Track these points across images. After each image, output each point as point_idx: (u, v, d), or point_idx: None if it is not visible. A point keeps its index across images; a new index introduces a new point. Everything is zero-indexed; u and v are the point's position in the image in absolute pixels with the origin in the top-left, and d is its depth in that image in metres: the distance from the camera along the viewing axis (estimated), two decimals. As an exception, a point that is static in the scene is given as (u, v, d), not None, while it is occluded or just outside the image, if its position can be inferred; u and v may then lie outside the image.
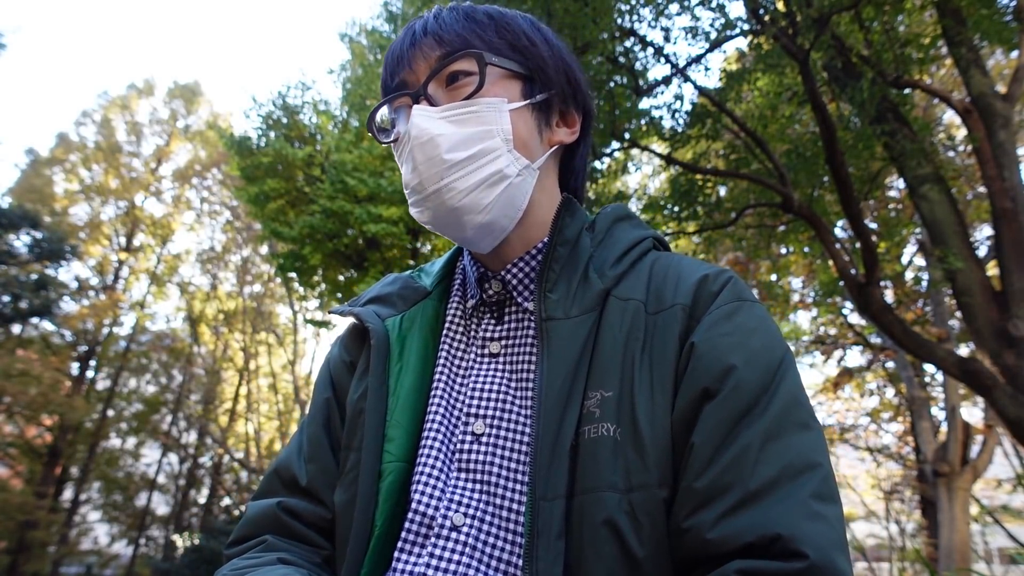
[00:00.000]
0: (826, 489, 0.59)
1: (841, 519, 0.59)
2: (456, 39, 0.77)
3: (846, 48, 5.64)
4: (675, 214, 6.77)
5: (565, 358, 0.68)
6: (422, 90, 0.76)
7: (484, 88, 0.75)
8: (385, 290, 0.87)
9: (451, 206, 0.74)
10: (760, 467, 0.59)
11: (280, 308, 20.98)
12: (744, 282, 0.73)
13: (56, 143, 19.09)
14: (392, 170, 9.85)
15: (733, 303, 0.69)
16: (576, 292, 0.72)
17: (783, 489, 0.58)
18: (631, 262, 0.76)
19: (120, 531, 18.60)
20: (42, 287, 13.75)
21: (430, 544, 0.68)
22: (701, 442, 0.62)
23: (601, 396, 0.66)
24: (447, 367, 0.79)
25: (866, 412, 13.97)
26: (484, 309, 0.81)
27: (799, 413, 0.63)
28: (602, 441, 0.64)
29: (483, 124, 0.74)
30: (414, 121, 0.74)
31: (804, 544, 0.55)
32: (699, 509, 0.59)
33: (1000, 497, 12.57)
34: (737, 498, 0.58)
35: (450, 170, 0.73)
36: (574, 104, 0.85)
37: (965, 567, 7.47)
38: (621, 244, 0.78)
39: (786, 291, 11.63)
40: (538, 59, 0.80)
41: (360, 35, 12.31)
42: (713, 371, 0.64)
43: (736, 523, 0.57)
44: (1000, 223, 5.17)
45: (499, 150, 0.74)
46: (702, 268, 0.73)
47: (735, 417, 0.62)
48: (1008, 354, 4.78)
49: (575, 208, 0.79)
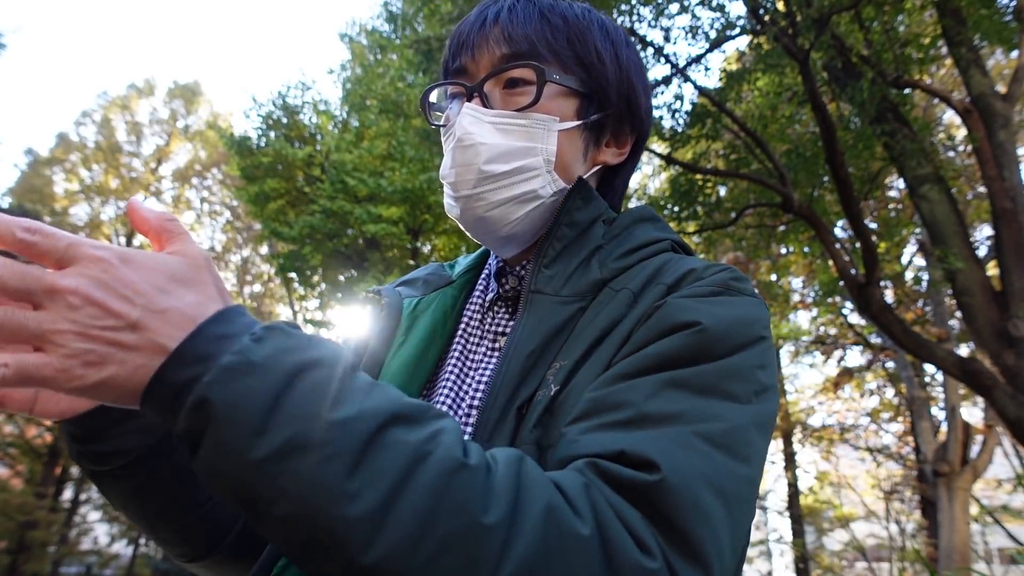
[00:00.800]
0: (722, 437, 0.53)
1: (735, 475, 0.53)
2: (524, 41, 0.75)
3: (846, 48, 5.64)
4: (675, 214, 6.76)
5: (541, 329, 0.67)
6: (478, 87, 0.75)
7: (539, 104, 0.74)
8: (416, 274, 0.88)
9: (479, 215, 0.74)
10: (659, 401, 0.55)
11: (280, 308, 20.98)
12: (748, 279, 0.69)
13: (56, 143, 19.11)
14: (392, 170, 9.85)
15: (715, 287, 0.65)
16: (573, 275, 0.71)
17: (674, 425, 0.53)
18: (640, 258, 0.74)
19: (120, 531, 18.59)
20: (42, 287, 13.74)
21: None
22: (613, 370, 0.59)
23: (560, 365, 0.64)
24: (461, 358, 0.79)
25: (866, 412, 13.98)
26: (500, 303, 0.80)
27: (736, 384, 0.58)
28: (541, 401, 0.62)
29: (529, 140, 0.73)
30: (461, 121, 0.73)
31: (662, 462, 0.50)
32: (579, 419, 0.56)
33: (1000, 497, 12.57)
34: (623, 416, 0.54)
35: (484, 181, 0.72)
36: (629, 126, 0.82)
37: (965, 567, 7.47)
38: (636, 240, 0.76)
39: (786, 291, 11.64)
40: (602, 79, 0.78)
41: (360, 35, 12.33)
42: (659, 327, 0.60)
43: (602, 437, 0.53)
44: (1000, 223, 5.18)
45: (539, 170, 0.74)
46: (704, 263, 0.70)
47: (662, 360, 0.58)
48: (1008, 354, 4.78)
49: (590, 195, 0.76)
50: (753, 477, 0.56)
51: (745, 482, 0.54)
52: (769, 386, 0.61)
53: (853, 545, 14.62)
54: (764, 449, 0.59)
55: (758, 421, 0.58)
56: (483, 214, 0.74)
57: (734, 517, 0.52)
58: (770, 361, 0.63)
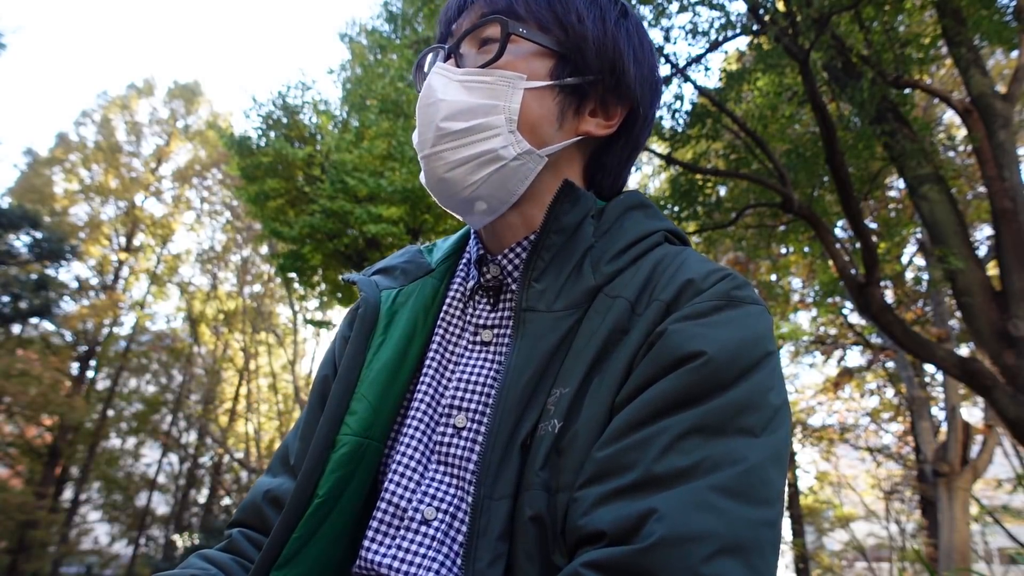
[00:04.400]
0: (739, 485, 0.51)
1: (752, 523, 0.51)
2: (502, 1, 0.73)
3: (846, 48, 5.64)
4: (675, 214, 6.76)
5: (537, 353, 0.64)
6: (454, 47, 0.75)
7: (505, 60, 0.71)
8: (393, 261, 0.85)
9: (439, 175, 0.72)
10: (672, 455, 0.52)
11: (280, 308, 21.00)
12: (748, 284, 0.66)
13: (56, 143, 19.11)
14: (392, 170, 9.86)
15: (716, 301, 0.62)
16: (565, 285, 0.67)
17: (688, 482, 0.51)
18: (633, 257, 0.70)
19: (120, 531, 18.61)
20: (42, 287, 13.76)
21: (399, 536, 0.66)
22: (622, 417, 0.57)
23: (560, 393, 0.61)
24: (440, 351, 0.76)
25: (866, 412, 13.97)
26: (481, 293, 0.77)
27: (749, 417, 0.55)
28: (546, 438, 0.59)
29: (491, 98, 0.70)
30: (429, 80, 0.73)
31: (662, 524, 0.48)
32: (591, 482, 0.55)
33: (1000, 497, 12.57)
34: (633, 479, 0.52)
35: (443, 139, 0.70)
36: (617, 96, 0.77)
37: (965, 567, 7.47)
38: (627, 237, 0.72)
39: (786, 291, 11.63)
40: (579, 39, 0.73)
41: (360, 35, 12.32)
42: (666, 358, 0.58)
43: (615, 508, 0.51)
44: (1000, 223, 5.18)
45: (499, 128, 0.70)
46: (701, 268, 0.66)
47: (671, 401, 0.55)
48: (1008, 354, 4.78)
49: (577, 195, 0.72)
50: (773, 519, 0.53)
51: (765, 526, 0.52)
52: (780, 406, 0.59)
53: (853, 545, 14.62)
54: (782, 483, 0.57)
55: (773, 454, 0.55)
56: (443, 175, 0.71)
57: (756, 568, 0.50)
58: (779, 377, 0.61)
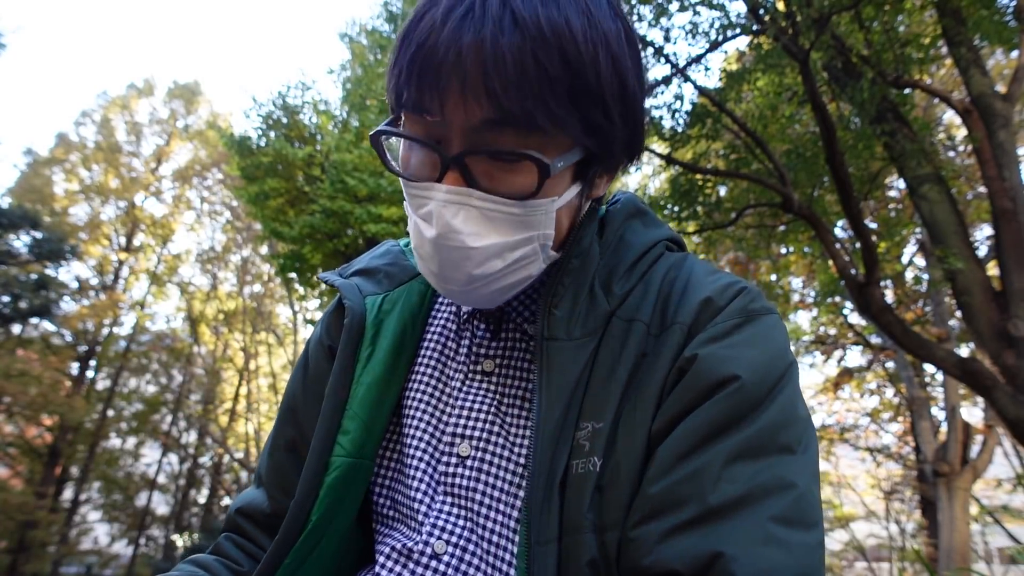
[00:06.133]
0: (795, 512, 0.53)
1: (812, 548, 0.53)
2: (514, 104, 0.55)
3: (846, 48, 5.64)
4: (675, 214, 6.76)
5: (564, 385, 0.62)
6: (459, 160, 0.59)
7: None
8: (374, 263, 0.81)
9: (468, 300, 0.68)
10: (724, 484, 0.53)
11: (280, 308, 21.00)
12: (760, 294, 0.66)
13: (56, 143, 19.10)
14: (392, 170, 9.86)
15: (736, 319, 0.62)
16: (581, 311, 0.65)
17: (745, 510, 0.52)
18: (640, 274, 0.69)
19: (120, 531, 18.61)
20: (42, 287, 13.76)
21: (409, 570, 0.65)
22: (666, 449, 0.57)
23: (592, 428, 0.60)
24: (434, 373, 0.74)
25: (866, 412, 13.97)
26: (479, 321, 0.74)
27: (786, 435, 0.57)
28: (587, 476, 0.58)
29: (525, 230, 0.62)
30: (442, 213, 0.59)
31: (739, 566, 0.49)
32: (648, 519, 0.55)
33: (1000, 497, 12.56)
34: (691, 514, 0.53)
35: (475, 280, 0.63)
36: (627, 157, 0.70)
37: (965, 567, 7.47)
38: (632, 252, 0.70)
39: (786, 291, 11.63)
40: (609, 139, 0.62)
41: (360, 35, 12.32)
42: (700, 385, 0.58)
43: (680, 544, 0.52)
44: (1000, 223, 5.18)
45: (535, 256, 0.64)
46: (713, 283, 0.66)
47: (712, 429, 0.56)
48: (1008, 354, 4.78)
49: (592, 217, 0.70)
50: (823, 538, 0.56)
51: (820, 547, 0.54)
52: (807, 418, 0.61)
53: (853, 545, 14.61)
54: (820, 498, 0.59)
55: (813, 471, 0.58)
56: (473, 299, 0.67)
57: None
58: (798, 385, 0.63)
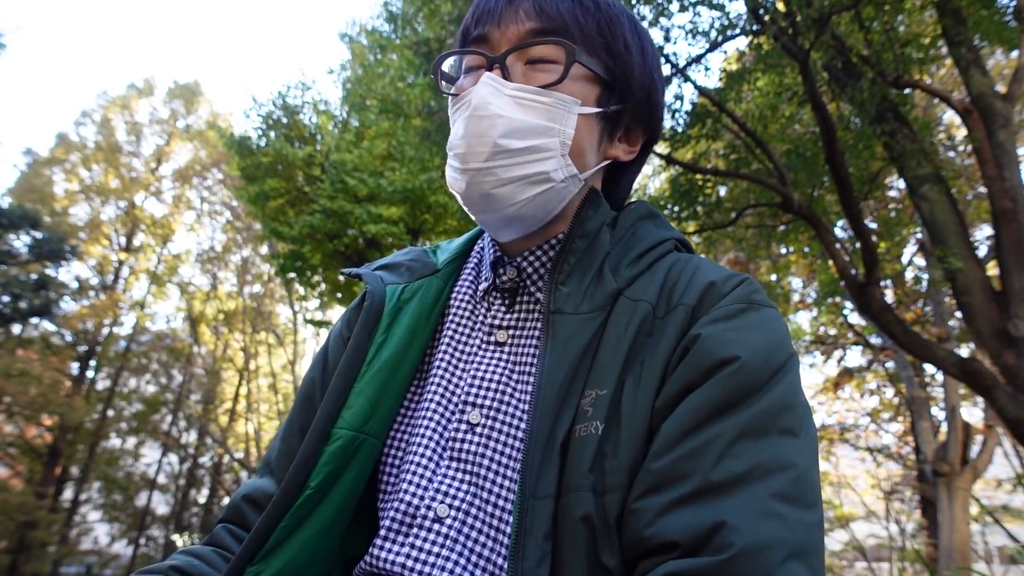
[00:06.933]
0: (795, 491, 0.55)
1: (809, 526, 0.54)
2: (556, 17, 0.73)
3: (846, 48, 5.64)
4: (675, 214, 6.76)
5: (568, 354, 0.66)
6: (501, 59, 0.73)
7: (563, 83, 0.72)
8: (398, 259, 0.86)
9: (486, 191, 0.71)
10: (726, 461, 0.55)
11: (280, 308, 21.01)
12: (761, 289, 0.70)
13: (56, 143, 19.10)
14: (392, 170, 9.85)
15: (740, 303, 0.65)
16: (588, 288, 0.70)
17: (746, 486, 0.54)
18: (649, 263, 0.73)
19: (120, 531, 18.62)
20: (42, 287, 13.76)
21: (412, 535, 0.66)
22: (670, 426, 0.59)
23: (596, 394, 0.63)
24: (449, 350, 0.77)
25: (866, 412, 13.98)
26: (496, 295, 0.78)
27: (787, 418, 0.59)
28: (588, 439, 0.61)
29: (548, 120, 0.71)
30: (480, 90, 0.70)
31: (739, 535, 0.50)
32: (650, 492, 0.56)
33: (1000, 497, 12.57)
34: (693, 489, 0.54)
35: (498, 156, 0.69)
36: (644, 123, 0.81)
37: (965, 567, 7.47)
38: (642, 244, 0.75)
39: (786, 291, 11.63)
40: (627, 68, 0.76)
41: (360, 35, 12.32)
42: (703, 364, 0.61)
43: (681, 516, 0.54)
44: (1000, 223, 5.18)
45: (553, 152, 0.71)
46: (717, 272, 0.70)
47: (714, 407, 0.58)
48: (1008, 354, 4.78)
49: (599, 202, 0.75)
50: (822, 518, 0.57)
51: (817, 527, 0.55)
52: (807, 406, 0.63)
53: (853, 545, 14.62)
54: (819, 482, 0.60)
55: (813, 456, 0.60)
56: (490, 190, 0.70)
57: (816, 568, 0.53)
58: (799, 376, 0.65)
